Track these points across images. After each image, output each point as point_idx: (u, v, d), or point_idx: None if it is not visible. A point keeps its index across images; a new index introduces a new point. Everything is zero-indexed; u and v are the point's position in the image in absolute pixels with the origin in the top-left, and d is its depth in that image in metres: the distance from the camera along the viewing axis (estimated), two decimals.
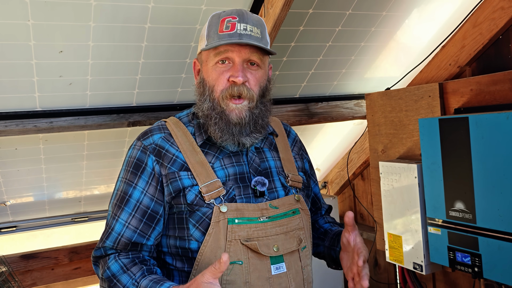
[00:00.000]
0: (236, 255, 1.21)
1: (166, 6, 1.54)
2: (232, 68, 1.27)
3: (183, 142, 1.31)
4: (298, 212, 1.34)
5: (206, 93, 1.30)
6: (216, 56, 1.27)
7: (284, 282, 1.25)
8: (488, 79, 1.66)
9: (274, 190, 1.34)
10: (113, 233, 1.25)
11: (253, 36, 1.26)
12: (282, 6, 1.56)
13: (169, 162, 1.27)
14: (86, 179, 2.19)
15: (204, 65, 1.32)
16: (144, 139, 1.31)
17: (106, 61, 1.64)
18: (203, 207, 1.24)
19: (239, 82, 1.25)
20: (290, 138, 1.52)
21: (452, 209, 1.56)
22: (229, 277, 1.20)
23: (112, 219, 1.27)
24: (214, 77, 1.28)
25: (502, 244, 1.40)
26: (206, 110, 1.29)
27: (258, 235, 1.24)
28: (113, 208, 1.28)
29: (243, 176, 1.31)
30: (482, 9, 1.75)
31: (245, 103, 1.27)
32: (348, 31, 1.95)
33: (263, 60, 1.31)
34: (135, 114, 1.86)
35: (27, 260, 2.22)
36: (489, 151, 1.42)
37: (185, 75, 1.84)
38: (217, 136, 1.28)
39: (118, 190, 1.29)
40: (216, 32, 1.27)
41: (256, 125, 1.30)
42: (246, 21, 1.27)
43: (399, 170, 1.80)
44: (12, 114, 1.66)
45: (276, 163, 1.39)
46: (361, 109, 2.34)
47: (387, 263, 2.48)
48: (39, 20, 1.42)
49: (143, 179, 1.27)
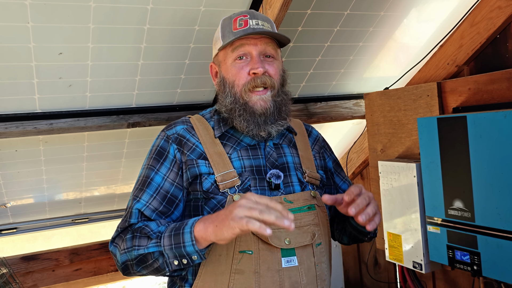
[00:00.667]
0: (247, 245, 1.22)
1: (165, 7, 1.55)
2: (251, 62, 1.32)
3: (204, 134, 1.36)
4: (313, 208, 1.34)
5: (227, 90, 1.35)
6: (233, 52, 1.33)
7: (294, 276, 1.25)
8: (486, 78, 1.67)
9: (290, 184, 1.35)
10: (134, 210, 1.27)
11: (265, 29, 1.32)
12: (281, 6, 1.57)
13: (189, 150, 1.32)
14: (86, 181, 2.19)
15: (222, 64, 1.37)
16: (168, 129, 1.38)
17: (105, 63, 1.64)
18: (218, 195, 1.27)
19: (260, 73, 1.30)
20: (311, 137, 1.54)
21: (451, 208, 1.56)
22: (239, 266, 1.21)
23: (133, 201, 1.30)
24: (234, 73, 1.33)
25: (501, 242, 1.41)
26: (229, 105, 1.34)
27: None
28: (134, 192, 1.32)
29: (259, 169, 1.34)
30: (480, 9, 1.76)
31: (268, 93, 1.33)
32: (347, 31, 1.96)
33: (277, 52, 1.38)
34: (135, 115, 1.86)
35: (27, 262, 2.22)
36: (487, 149, 1.43)
37: (184, 76, 1.84)
38: (243, 126, 1.32)
39: (141, 176, 1.33)
40: (230, 30, 1.34)
41: (280, 112, 1.35)
42: (257, 17, 1.35)
43: (398, 170, 1.80)
44: (12, 116, 1.66)
45: (294, 159, 1.41)
46: (360, 108, 2.35)
47: (387, 262, 2.49)
48: (39, 22, 1.43)
49: (165, 166, 1.31)
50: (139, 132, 2.02)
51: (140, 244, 1.19)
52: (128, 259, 1.21)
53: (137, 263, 1.20)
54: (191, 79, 1.86)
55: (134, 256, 1.20)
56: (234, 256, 1.22)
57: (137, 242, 1.20)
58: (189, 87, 1.89)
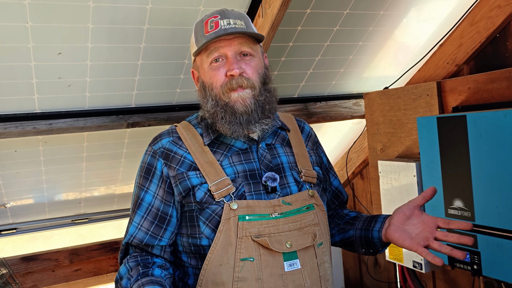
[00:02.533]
0: (248, 252, 1.21)
1: (164, 7, 1.54)
2: (227, 63, 1.29)
3: (192, 143, 1.33)
4: (312, 207, 1.33)
5: (208, 93, 1.32)
6: (208, 57, 1.30)
7: (298, 279, 1.24)
8: (485, 77, 1.66)
9: (287, 185, 1.33)
10: (128, 235, 1.31)
11: (238, 28, 1.28)
12: (280, 6, 1.56)
13: (177, 164, 1.30)
14: (86, 181, 2.19)
15: (200, 69, 1.35)
16: (154, 144, 1.35)
17: (104, 63, 1.64)
18: (212, 205, 1.25)
19: (236, 74, 1.27)
20: (304, 133, 1.51)
21: (451, 207, 1.56)
22: (241, 274, 1.20)
23: (129, 223, 1.33)
24: (211, 75, 1.30)
25: (501, 242, 1.41)
26: (211, 108, 1.31)
27: (270, 231, 1.23)
28: (130, 213, 1.35)
29: (253, 173, 1.31)
30: (479, 8, 1.76)
31: (247, 90, 1.29)
32: (346, 31, 1.96)
33: (255, 49, 1.33)
34: (134, 115, 1.86)
35: (27, 262, 2.22)
36: (487, 149, 1.43)
37: (184, 76, 1.84)
38: (226, 130, 1.29)
39: (134, 195, 1.35)
40: (202, 34, 1.30)
41: (264, 110, 1.31)
42: (228, 16, 1.30)
43: (398, 169, 1.80)
44: (11, 116, 1.66)
45: (288, 159, 1.39)
46: (360, 108, 2.35)
47: (387, 261, 2.49)
48: (38, 22, 1.43)
49: (154, 183, 1.31)
50: (139, 132, 2.02)
51: None
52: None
53: None
54: (190, 79, 1.86)
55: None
56: (236, 264, 1.20)
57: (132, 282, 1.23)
58: (188, 87, 1.89)
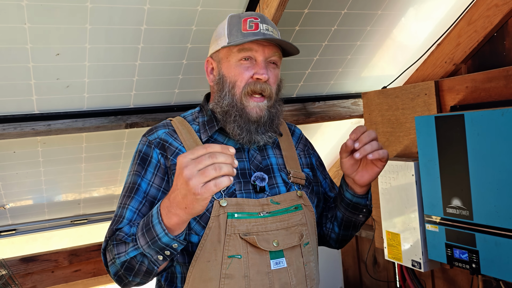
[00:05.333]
0: (235, 249, 1.22)
1: (162, 7, 1.55)
2: (256, 65, 1.30)
3: (187, 138, 1.34)
4: (300, 208, 1.34)
5: (226, 89, 1.32)
6: (240, 53, 1.30)
7: (284, 277, 1.25)
8: (483, 76, 1.67)
9: (275, 186, 1.35)
10: (124, 220, 1.24)
11: (276, 37, 1.31)
12: (277, 6, 1.57)
13: (172, 155, 1.30)
14: (85, 181, 2.19)
15: (224, 61, 1.34)
16: (149, 134, 1.36)
17: (103, 63, 1.64)
18: None
19: (264, 79, 1.29)
20: (294, 136, 1.54)
21: (449, 206, 1.56)
22: (228, 271, 1.21)
23: (121, 209, 1.26)
24: (237, 73, 1.31)
25: (499, 240, 1.41)
26: (226, 107, 1.31)
27: (258, 229, 1.25)
28: (122, 199, 1.28)
29: (244, 172, 1.33)
30: (477, 7, 1.76)
31: (265, 102, 1.31)
32: (344, 30, 1.96)
33: (280, 61, 1.37)
34: (133, 115, 1.86)
35: (27, 263, 2.22)
36: (485, 147, 1.43)
37: (182, 76, 1.84)
38: (235, 133, 1.30)
39: (127, 183, 1.31)
40: (239, 30, 1.31)
41: (272, 124, 1.34)
42: (267, 22, 1.33)
43: (396, 168, 1.80)
44: (9, 117, 1.66)
45: (277, 160, 1.41)
46: (358, 108, 2.35)
47: (386, 261, 2.49)
48: (36, 23, 1.43)
49: (149, 171, 1.30)
50: (137, 133, 2.02)
51: (119, 251, 1.15)
52: (117, 270, 1.18)
53: (125, 272, 1.16)
54: (188, 79, 1.86)
55: (119, 266, 1.16)
56: (223, 261, 1.21)
57: (115, 250, 1.16)
58: (186, 87, 1.89)
